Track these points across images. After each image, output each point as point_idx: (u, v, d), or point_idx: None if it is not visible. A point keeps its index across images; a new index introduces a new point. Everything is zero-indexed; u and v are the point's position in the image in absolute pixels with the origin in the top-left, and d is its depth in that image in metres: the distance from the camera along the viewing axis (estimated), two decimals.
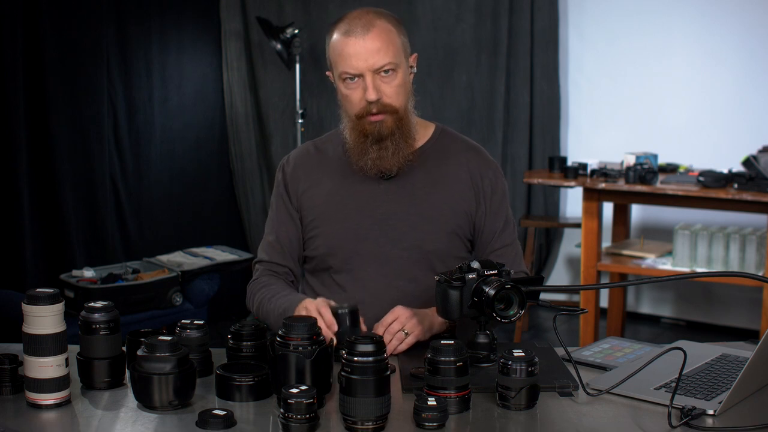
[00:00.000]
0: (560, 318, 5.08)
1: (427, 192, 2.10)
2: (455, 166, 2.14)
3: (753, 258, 4.06)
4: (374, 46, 1.98)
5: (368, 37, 1.98)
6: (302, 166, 2.18)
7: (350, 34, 1.99)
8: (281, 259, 2.17)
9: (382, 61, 1.99)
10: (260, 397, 1.64)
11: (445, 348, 1.58)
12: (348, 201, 2.11)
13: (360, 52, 1.98)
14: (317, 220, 2.13)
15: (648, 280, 2.61)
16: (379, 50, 1.98)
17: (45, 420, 1.57)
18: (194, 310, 4.64)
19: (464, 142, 2.20)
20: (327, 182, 2.14)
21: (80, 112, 4.72)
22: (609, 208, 4.75)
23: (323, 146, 2.20)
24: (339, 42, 2.01)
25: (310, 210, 2.14)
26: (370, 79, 1.99)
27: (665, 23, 5.05)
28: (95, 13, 4.75)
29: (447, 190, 2.12)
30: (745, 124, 4.85)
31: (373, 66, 1.99)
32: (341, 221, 2.09)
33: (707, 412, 1.56)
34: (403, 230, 2.08)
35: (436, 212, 2.10)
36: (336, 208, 2.11)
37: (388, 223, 2.09)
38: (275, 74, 5.52)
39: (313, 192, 2.14)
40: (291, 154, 2.22)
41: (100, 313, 1.69)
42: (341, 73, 2.02)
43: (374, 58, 1.98)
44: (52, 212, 4.58)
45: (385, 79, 2.01)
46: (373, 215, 2.09)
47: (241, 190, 5.61)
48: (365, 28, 1.99)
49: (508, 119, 5.41)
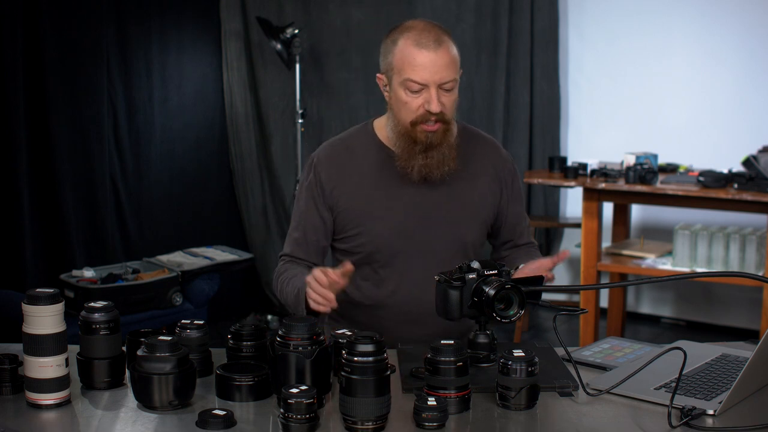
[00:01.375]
0: (560, 318, 5.08)
1: (461, 187, 2.23)
2: (481, 162, 2.27)
3: (753, 258, 4.06)
4: (444, 61, 2.09)
5: (439, 52, 2.08)
6: (335, 165, 2.24)
7: (422, 46, 2.08)
8: (304, 255, 2.25)
9: (448, 77, 2.09)
10: (260, 397, 1.64)
11: (445, 348, 1.58)
12: (392, 200, 2.20)
13: (430, 65, 2.07)
14: (360, 219, 2.20)
15: (648, 280, 2.61)
16: (447, 66, 2.09)
17: (45, 420, 1.57)
18: (194, 310, 4.64)
19: (484, 138, 2.35)
20: (365, 181, 2.21)
21: (80, 112, 4.71)
22: (609, 208, 4.75)
23: (351, 143, 2.27)
24: (409, 51, 2.09)
25: (349, 209, 2.21)
26: (435, 92, 2.09)
27: (665, 23, 5.05)
28: (95, 13, 4.75)
29: (476, 182, 2.25)
30: (745, 124, 4.85)
31: (440, 80, 2.08)
32: (387, 220, 2.18)
33: (707, 412, 1.56)
34: (445, 225, 2.20)
35: (470, 204, 2.24)
36: (380, 207, 2.19)
37: (430, 218, 2.20)
38: (275, 74, 5.52)
39: (351, 191, 2.21)
40: (321, 153, 2.28)
41: (100, 313, 1.70)
42: (407, 80, 2.09)
43: (442, 72, 2.08)
44: (52, 212, 4.58)
45: (446, 94, 2.12)
46: (417, 213, 2.20)
47: (241, 190, 5.60)
48: (437, 43, 2.09)
49: (508, 119, 5.41)
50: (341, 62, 5.53)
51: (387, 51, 2.15)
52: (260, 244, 5.57)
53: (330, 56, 5.50)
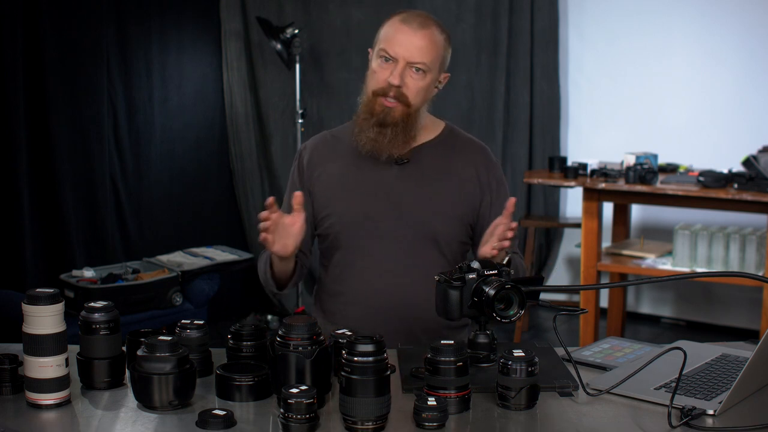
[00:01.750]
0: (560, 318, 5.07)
1: (435, 178, 2.22)
2: (462, 161, 2.26)
3: (753, 258, 4.06)
4: (421, 42, 2.12)
5: (419, 33, 2.12)
6: (317, 151, 2.28)
7: (406, 22, 2.14)
8: None
9: (419, 58, 2.11)
10: (260, 397, 1.64)
11: (445, 348, 1.58)
12: (360, 181, 2.21)
13: (406, 40, 2.11)
14: (330, 199, 2.22)
15: (648, 280, 2.61)
16: (422, 49, 2.11)
17: (45, 420, 1.57)
18: (194, 310, 4.64)
19: (471, 141, 2.31)
20: (340, 165, 2.24)
21: (80, 112, 4.71)
22: (609, 208, 4.75)
23: (339, 134, 2.31)
24: (393, 25, 2.16)
25: (323, 191, 2.23)
26: (401, 67, 2.11)
27: (665, 23, 5.05)
28: (95, 13, 4.75)
29: (453, 179, 2.23)
30: (745, 124, 4.85)
31: (410, 58, 2.11)
32: (352, 200, 2.19)
33: (707, 412, 1.56)
34: (411, 210, 2.19)
35: (443, 196, 2.21)
36: (348, 189, 2.21)
37: (397, 203, 2.19)
38: (275, 74, 5.52)
39: (327, 174, 2.24)
40: (308, 142, 2.33)
41: (100, 313, 1.69)
42: (381, 49, 2.14)
43: (415, 52, 2.11)
44: (52, 212, 4.58)
45: (414, 76, 2.13)
46: (384, 196, 2.19)
47: (241, 190, 5.60)
48: (421, 26, 2.13)
49: (508, 119, 5.41)
50: (341, 62, 5.53)
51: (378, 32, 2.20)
52: (260, 244, 5.56)
53: (330, 56, 5.50)
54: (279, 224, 2.00)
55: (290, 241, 2.02)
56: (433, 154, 2.24)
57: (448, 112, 5.36)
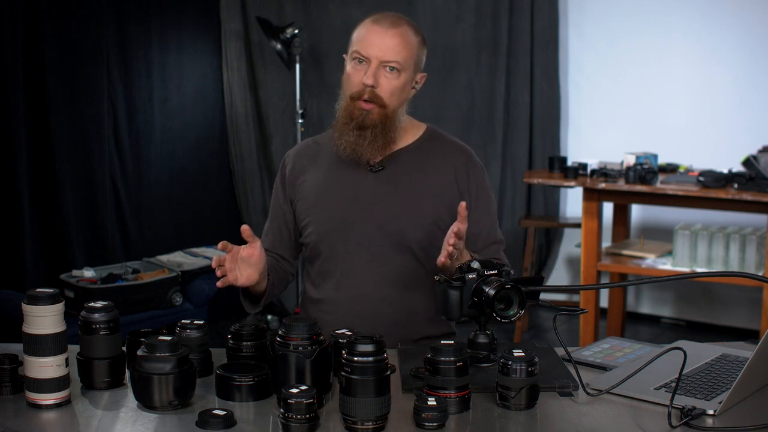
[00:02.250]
0: (560, 318, 5.08)
1: (411, 183, 2.18)
2: (441, 164, 2.21)
3: (753, 258, 4.06)
4: (393, 41, 2.09)
5: (390, 32, 2.10)
6: (300, 159, 2.27)
7: (377, 22, 2.12)
8: (269, 246, 2.25)
9: (391, 57, 2.09)
10: (260, 397, 1.64)
11: (445, 348, 1.58)
12: (337, 189, 2.19)
13: (377, 40, 2.09)
14: (310, 208, 2.21)
15: (648, 280, 2.61)
16: (394, 47, 2.09)
17: (45, 420, 1.57)
18: (194, 310, 4.64)
19: (452, 143, 2.27)
20: (320, 172, 2.22)
21: (80, 112, 4.71)
22: (609, 208, 4.75)
23: (321, 140, 2.29)
24: (365, 26, 2.13)
25: (304, 199, 2.22)
26: (374, 67, 2.09)
27: (665, 23, 5.05)
28: (95, 13, 4.75)
29: (430, 184, 2.19)
30: (745, 124, 4.85)
31: (382, 57, 2.09)
32: (330, 208, 2.18)
33: (707, 412, 1.56)
34: (387, 218, 2.15)
35: (418, 202, 2.17)
36: (326, 197, 2.19)
37: (373, 210, 2.16)
38: (275, 74, 5.52)
39: (308, 182, 2.23)
40: (291, 151, 2.32)
41: (100, 313, 1.69)
42: (354, 51, 2.12)
43: (388, 50, 2.09)
44: (52, 212, 4.58)
45: (388, 75, 2.10)
46: (360, 203, 2.17)
47: (241, 190, 5.61)
48: (392, 25, 2.11)
49: (508, 119, 5.41)
50: (341, 62, 5.50)
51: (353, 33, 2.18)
52: None
53: (330, 56, 5.50)
54: (237, 259, 2.03)
55: (252, 271, 2.03)
56: (411, 159, 2.19)
57: (448, 112, 5.36)
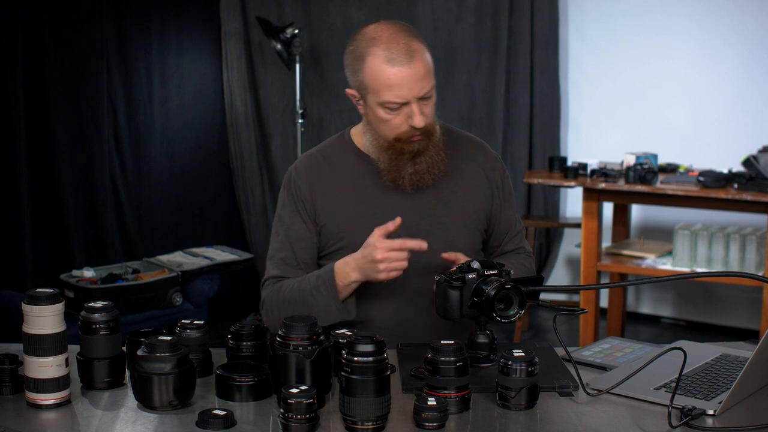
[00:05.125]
0: (560, 318, 5.08)
1: (450, 191, 2.13)
2: (466, 161, 2.17)
3: (753, 258, 4.06)
4: (420, 73, 1.96)
5: (413, 65, 1.95)
6: (315, 177, 2.12)
7: (394, 63, 1.95)
8: (297, 275, 2.11)
9: (427, 88, 1.97)
10: (260, 397, 1.64)
11: (445, 348, 1.58)
12: (376, 210, 2.08)
13: (407, 81, 1.95)
14: (343, 232, 2.09)
15: (648, 280, 2.61)
16: (424, 77, 1.96)
17: (45, 420, 1.57)
18: (194, 310, 4.64)
19: (467, 137, 2.23)
20: (346, 192, 2.10)
21: (80, 112, 4.71)
22: (609, 208, 4.75)
23: (329, 155, 2.15)
24: (381, 70, 1.96)
25: (331, 222, 2.10)
26: (417, 107, 1.97)
27: (665, 23, 5.05)
28: (95, 13, 4.75)
29: (466, 187, 2.15)
30: (745, 124, 4.85)
31: (419, 94, 1.96)
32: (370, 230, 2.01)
33: (707, 412, 1.56)
34: (435, 233, 2.08)
35: (460, 209, 2.13)
36: (364, 219, 2.07)
37: (418, 228, 2.08)
38: (275, 74, 5.52)
39: (332, 203, 2.10)
40: (299, 165, 2.16)
41: (100, 313, 1.69)
42: (385, 101, 1.97)
43: (420, 85, 1.96)
44: (52, 212, 4.58)
45: (426, 103, 2.00)
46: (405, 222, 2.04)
47: (241, 190, 5.61)
48: (408, 56, 1.95)
49: (508, 119, 5.41)
50: (341, 62, 5.49)
51: (355, 68, 2.02)
52: (260, 244, 5.57)
53: (330, 56, 5.51)
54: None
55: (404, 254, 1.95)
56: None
57: (448, 112, 5.36)
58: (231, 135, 5.57)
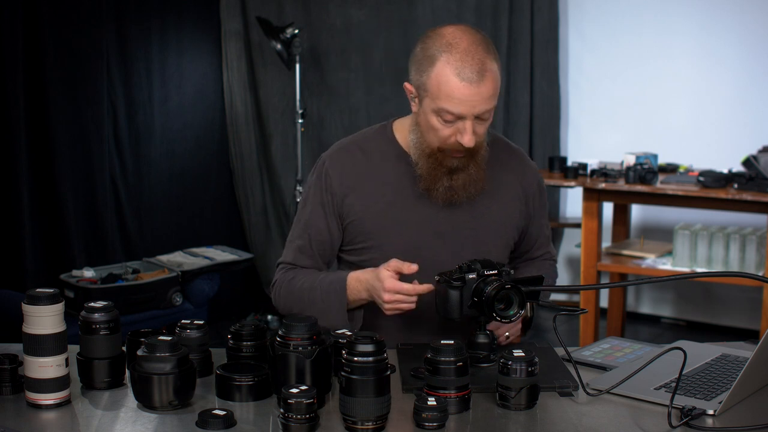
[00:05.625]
0: (560, 318, 5.08)
1: (487, 206, 2.09)
2: (505, 173, 2.13)
3: (753, 258, 4.06)
4: (486, 94, 1.91)
5: (482, 85, 1.89)
6: (349, 170, 2.08)
7: (464, 78, 1.88)
8: (310, 264, 2.11)
9: (487, 108, 1.93)
10: (260, 397, 1.64)
11: (445, 348, 1.58)
12: (410, 214, 2.05)
13: (471, 99, 1.90)
14: (372, 232, 2.06)
15: (648, 280, 2.61)
16: (489, 98, 1.92)
17: (45, 420, 1.57)
18: (194, 310, 4.64)
19: (510, 147, 2.21)
20: (382, 191, 2.06)
21: (80, 112, 4.71)
22: (609, 208, 4.75)
23: (368, 149, 2.10)
24: (448, 80, 1.89)
25: (361, 219, 2.06)
26: (471, 125, 1.93)
27: (665, 23, 5.06)
28: (95, 13, 4.75)
29: (501, 201, 2.11)
30: (745, 124, 4.85)
31: (478, 113, 1.92)
32: (400, 235, 2.03)
33: (707, 412, 1.56)
34: (468, 247, 2.05)
35: (495, 225, 2.10)
36: (395, 222, 2.05)
37: (448, 236, 2.06)
38: (275, 74, 5.52)
39: (365, 200, 2.06)
40: (333, 155, 2.11)
41: (100, 313, 1.69)
42: (442, 109, 1.91)
43: (482, 105, 1.92)
44: (52, 212, 4.58)
45: (481, 123, 1.96)
46: (433, 229, 2.05)
47: (241, 190, 5.60)
48: (480, 75, 1.89)
49: (508, 119, 5.41)
50: (341, 62, 5.53)
51: (421, 67, 1.94)
52: (260, 244, 5.57)
53: (330, 56, 5.51)
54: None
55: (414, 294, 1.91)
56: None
57: None
58: (231, 135, 5.57)
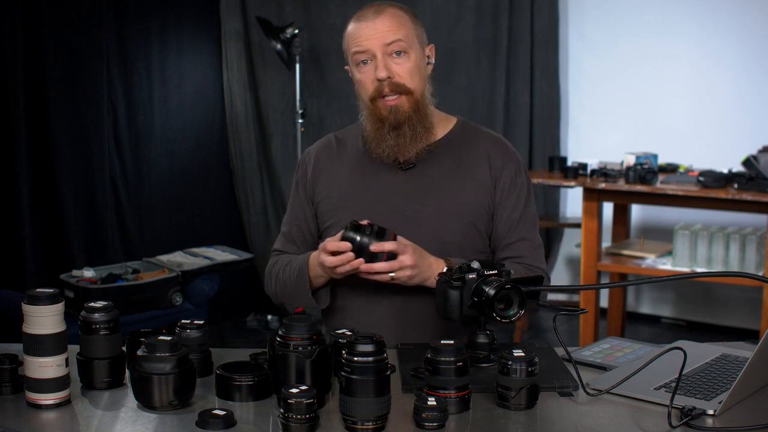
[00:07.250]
0: (560, 318, 5.08)
1: (444, 185, 2.08)
2: (475, 157, 2.11)
3: (753, 258, 4.06)
4: (384, 26, 2.02)
5: (378, 19, 2.03)
6: (322, 157, 2.18)
7: (361, 18, 2.05)
8: (294, 251, 2.19)
9: (391, 37, 2.01)
10: (260, 397, 1.64)
11: (445, 348, 1.58)
12: (365, 191, 2.10)
13: (370, 32, 2.02)
14: (334, 210, 2.12)
15: (648, 280, 2.60)
16: (389, 29, 2.02)
17: (45, 420, 1.57)
18: (194, 310, 4.64)
19: (487, 134, 2.18)
20: (345, 172, 2.14)
21: (80, 112, 4.71)
22: (609, 208, 4.75)
23: (343, 137, 2.21)
24: (351, 27, 2.07)
25: (327, 200, 2.14)
26: (381, 57, 2.01)
27: (665, 23, 5.06)
28: (95, 13, 4.75)
29: (465, 183, 2.09)
30: (745, 124, 4.85)
31: (382, 41, 2.01)
32: (358, 212, 2.04)
33: (707, 412, 1.56)
34: (420, 222, 2.06)
35: (454, 205, 2.07)
36: (353, 199, 2.10)
37: (405, 214, 2.06)
38: (275, 74, 5.52)
39: (331, 182, 2.14)
40: (312, 147, 2.23)
41: (100, 313, 1.69)
42: (353, 54, 2.04)
43: (384, 35, 2.01)
44: (52, 212, 4.58)
45: (397, 60, 2.02)
46: (391, 206, 2.07)
47: (241, 190, 5.61)
48: (376, 13, 2.04)
49: (508, 119, 5.41)
50: (341, 62, 5.49)
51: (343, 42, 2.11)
52: (260, 244, 5.57)
53: (330, 56, 5.51)
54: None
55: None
56: (443, 154, 2.09)
57: (447, 112, 5.36)
58: (231, 135, 5.57)
